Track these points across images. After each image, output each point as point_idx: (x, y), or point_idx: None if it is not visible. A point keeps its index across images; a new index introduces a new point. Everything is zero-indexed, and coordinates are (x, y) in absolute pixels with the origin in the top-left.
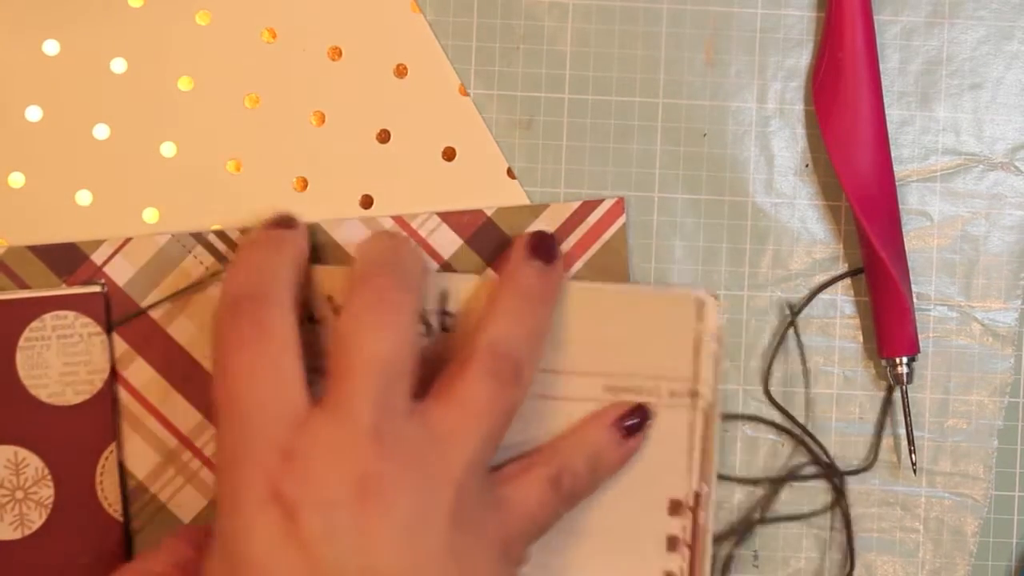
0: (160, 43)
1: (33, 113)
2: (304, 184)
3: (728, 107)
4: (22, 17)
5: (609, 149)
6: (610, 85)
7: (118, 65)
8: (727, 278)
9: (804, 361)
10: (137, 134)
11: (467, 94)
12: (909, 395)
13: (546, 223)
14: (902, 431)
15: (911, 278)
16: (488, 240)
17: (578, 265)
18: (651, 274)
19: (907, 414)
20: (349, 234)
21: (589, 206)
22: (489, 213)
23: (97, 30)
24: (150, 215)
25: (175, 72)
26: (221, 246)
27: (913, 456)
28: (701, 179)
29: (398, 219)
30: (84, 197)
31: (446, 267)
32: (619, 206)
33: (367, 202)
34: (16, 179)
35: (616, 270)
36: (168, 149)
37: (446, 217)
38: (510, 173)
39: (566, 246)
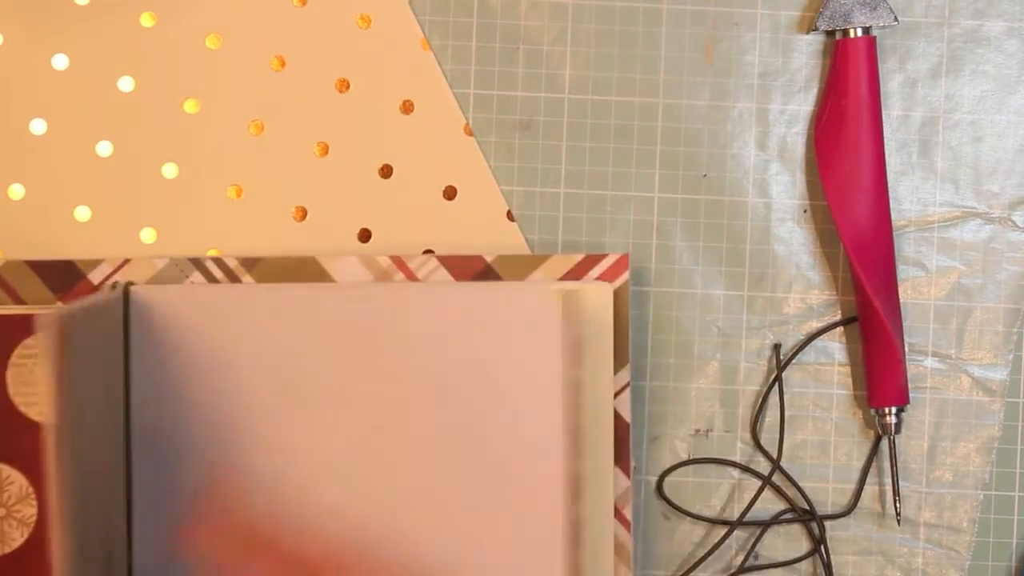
0: (169, 64)
1: (38, 126)
2: (303, 214)
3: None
4: (33, 30)
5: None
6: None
7: (125, 83)
8: (723, 321)
9: (783, 411)
10: (140, 153)
11: (471, 134)
12: (897, 444)
13: (546, 274)
14: (888, 479)
15: (904, 328)
16: None
17: None
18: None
19: (894, 464)
20: (346, 271)
21: (592, 260)
22: (489, 259)
23: (107, 48)
24: (148, 235)
25: (182, 94)
26: (218, 272)
27: (898, 506)
28: (699, 225)
29: (396, 259)
30: (83, 213)
31: None
32: (623, 262)
33: (365, 235)
34: (16, 191)
35: (620, 324)
36: (170, 170)
37: (445, 260)
38: (510, 216)
39: None
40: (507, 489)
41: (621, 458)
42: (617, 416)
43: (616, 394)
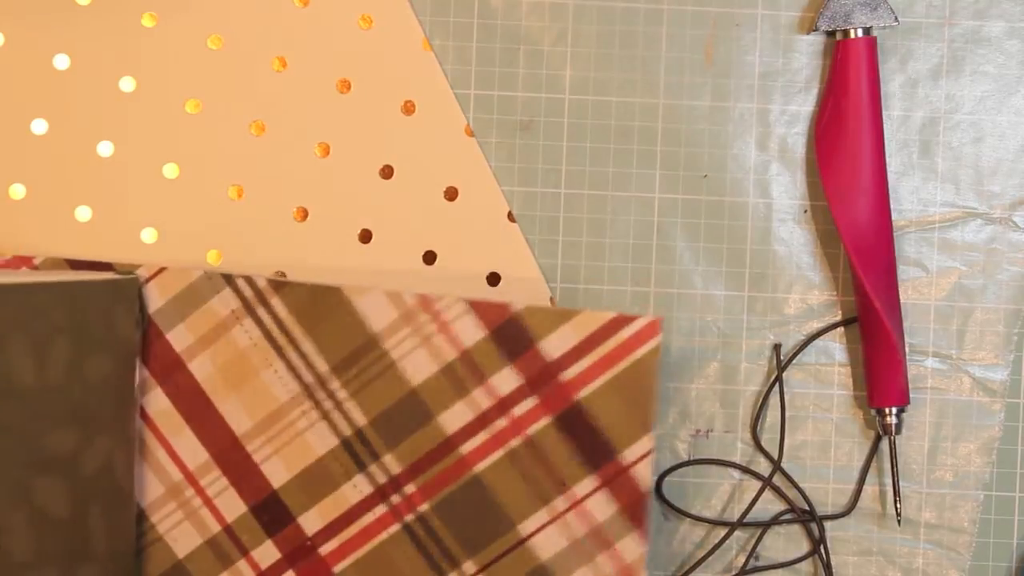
0: (170, 65)
1: (39, 126)
2: (304, 214)
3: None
4: (34, 29)
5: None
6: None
7: (127, 84)
8: (724, 322)
9: (784, 411)
10: (141, 154)
11: (472, 135)
12: (897, 444)
13: (575, 329)
14: (888, 480)
15: (904, 329)
16: (512, 336)
17: (601, 381)
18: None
19: (894, 465)
20: (371, 305)
21: (622, 321)
22: (518, 308)
23: (108, 48)
24: (148, 235)
25: (183, 94)
26: (248, 291)
27: (899, 506)
28: (700, 226)
29: (423, 298)
30: (84, 213)
31: (464, 357)
32: (654, 327)
33: (366, 236)
34: (17, 191)
35: (643, 393)
36: (171, 171)
37: (474, 305)
38: (510, 217)
39: (591, 358)
40: None
41: (638, 523)
42: (636, 483)
43: (637, 461)
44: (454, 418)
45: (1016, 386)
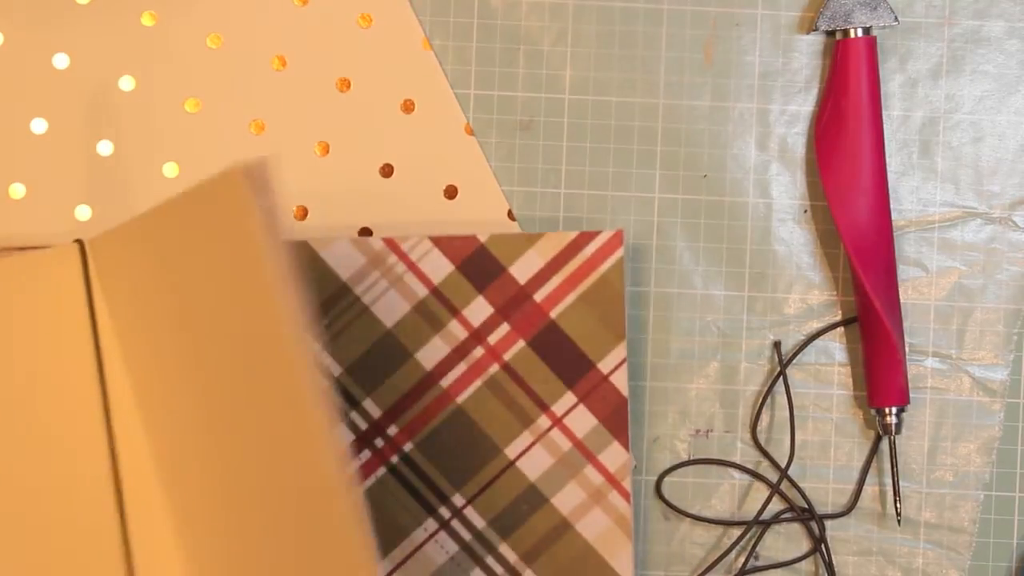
0: (170, 64)
1: (38, 125)
2: (304, 213)
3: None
4: (34, 29)
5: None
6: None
7: (126, 83)
8: (724, 322)
9: (792, 407)
10: (141, 153)
11: (472, 133)
12: (897, 444)
13: (541, 252)
14: (888, 480)
15: (904, 329)
16: (481, 267)
17: (571, 298)
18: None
19: (894, 464)
20: (338, 254)
21: (586, 237)
22: (483, 239)
23: (108, 47)
24: None
25: (183, 93)
26: None
27: (899, 506)
28: (700, 226)
29: (389, 241)
30: (83, 212)
31: (435, 293)
32: (617, 238)
33: (366, 235)
34: (17, 190)
35: (612, 304)
36: (170, 170)
37: (438, 242)
38: (510, 215)
39: (560, 277)
40: None
41: (619, 432)
42: (615, 391)
43: (614, 370)
44: (431, 353)
45: (1016, 386)
